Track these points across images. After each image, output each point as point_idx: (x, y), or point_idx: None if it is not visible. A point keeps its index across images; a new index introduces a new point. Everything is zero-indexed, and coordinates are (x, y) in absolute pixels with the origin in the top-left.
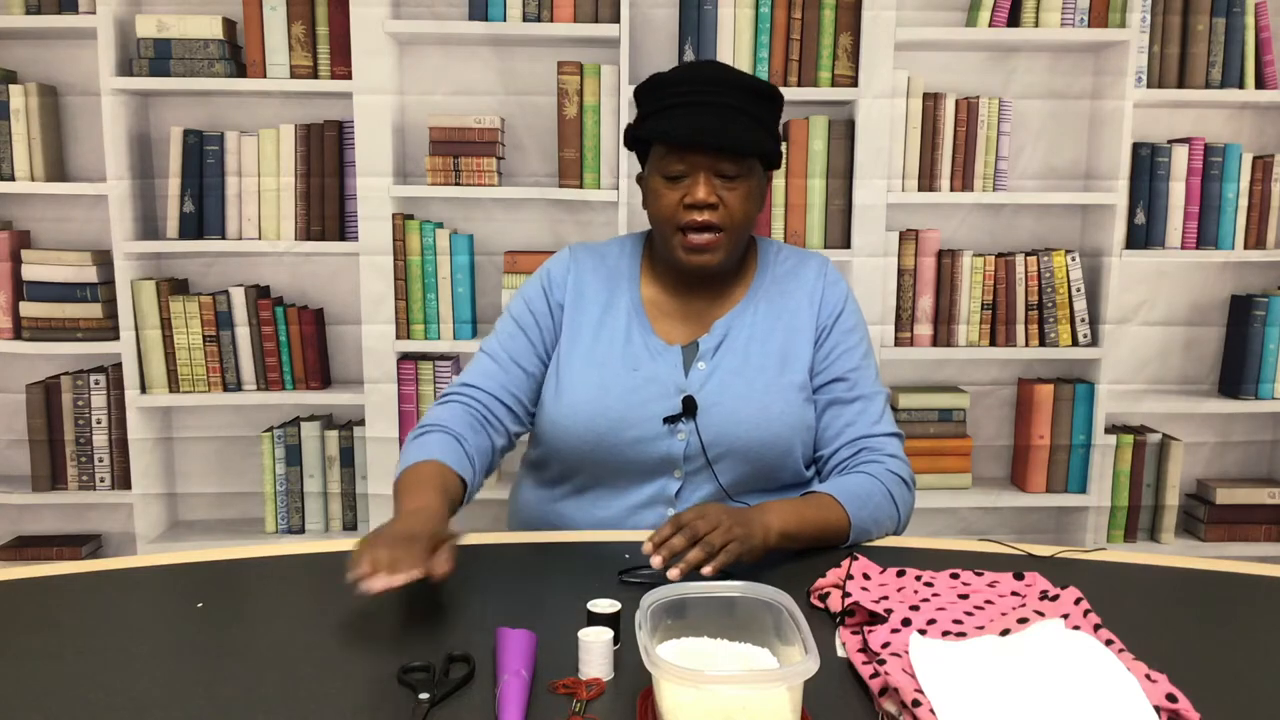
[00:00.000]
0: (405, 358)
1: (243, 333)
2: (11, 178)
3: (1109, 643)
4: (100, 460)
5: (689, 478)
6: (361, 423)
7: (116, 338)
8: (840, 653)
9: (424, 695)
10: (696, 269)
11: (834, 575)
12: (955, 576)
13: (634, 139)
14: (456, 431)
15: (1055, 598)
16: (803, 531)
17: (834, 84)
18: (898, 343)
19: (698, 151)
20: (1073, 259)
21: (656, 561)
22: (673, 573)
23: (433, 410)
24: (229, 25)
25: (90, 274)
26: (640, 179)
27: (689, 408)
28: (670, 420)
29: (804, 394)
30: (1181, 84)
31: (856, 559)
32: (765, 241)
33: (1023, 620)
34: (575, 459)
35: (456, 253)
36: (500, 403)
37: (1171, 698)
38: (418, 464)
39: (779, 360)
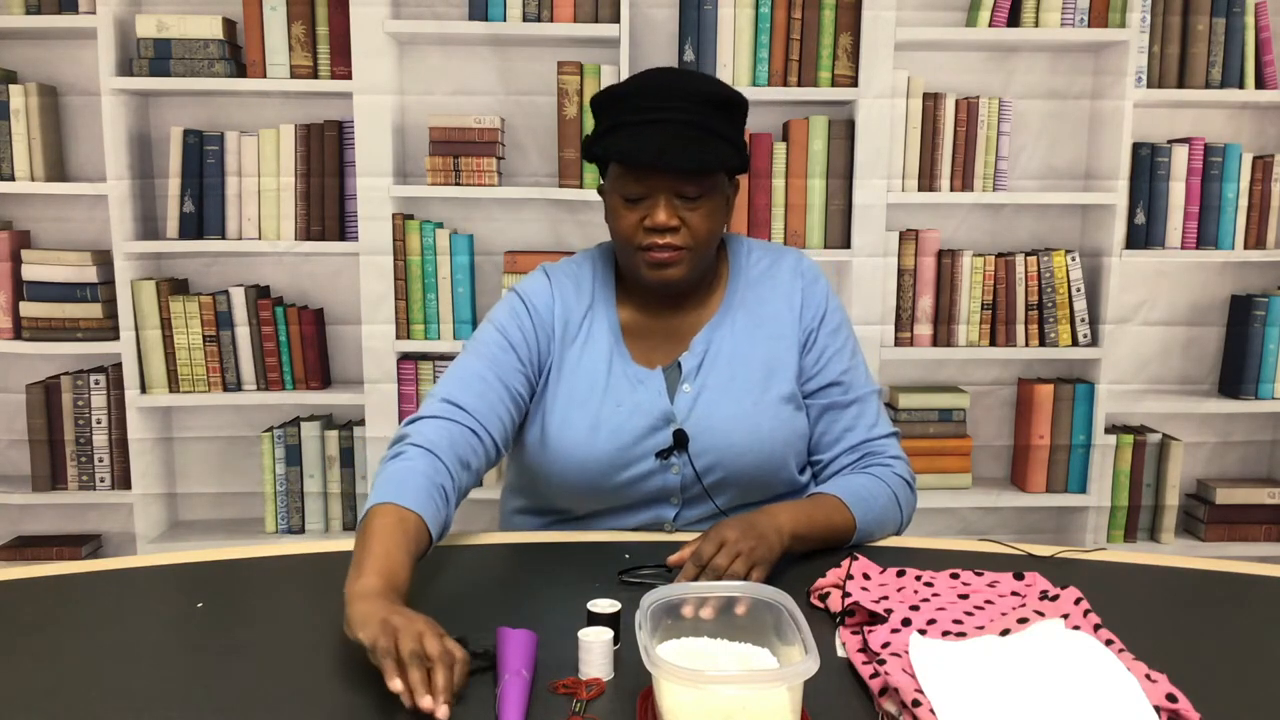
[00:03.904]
0: (405, 358)
1: (243, 333)
2: (11, 178)
3: (1109, 643)
4: (100, 460)
5: (685, 504)
6: (361, 423)
7: (116, 338)
8: (840, 653)
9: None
10: (660, 285)
11: (834, 575)
12: (955, 576)
13: (593, 154)
14: (447, 464)
15: (1055, 598)
16: (811, 533)
17: (834, 84)
18: (898, 343)
19: (656, 173)
20: (1073, 259)
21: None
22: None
23: (417, 426)
24: (229, 25)
25: (90, 274)
26: (601, 191)
27: (680, 441)
28: (662, 454)
29: (793, 404)
30: (1181, 84)
31: (856, 559)
32: (735, 241)
33: (1023, 620)
34: (567, 498)
35: (456, 253)
36: (486, 430)
37: (1171, 698)
38: (399, 509)
39: (764, 373)
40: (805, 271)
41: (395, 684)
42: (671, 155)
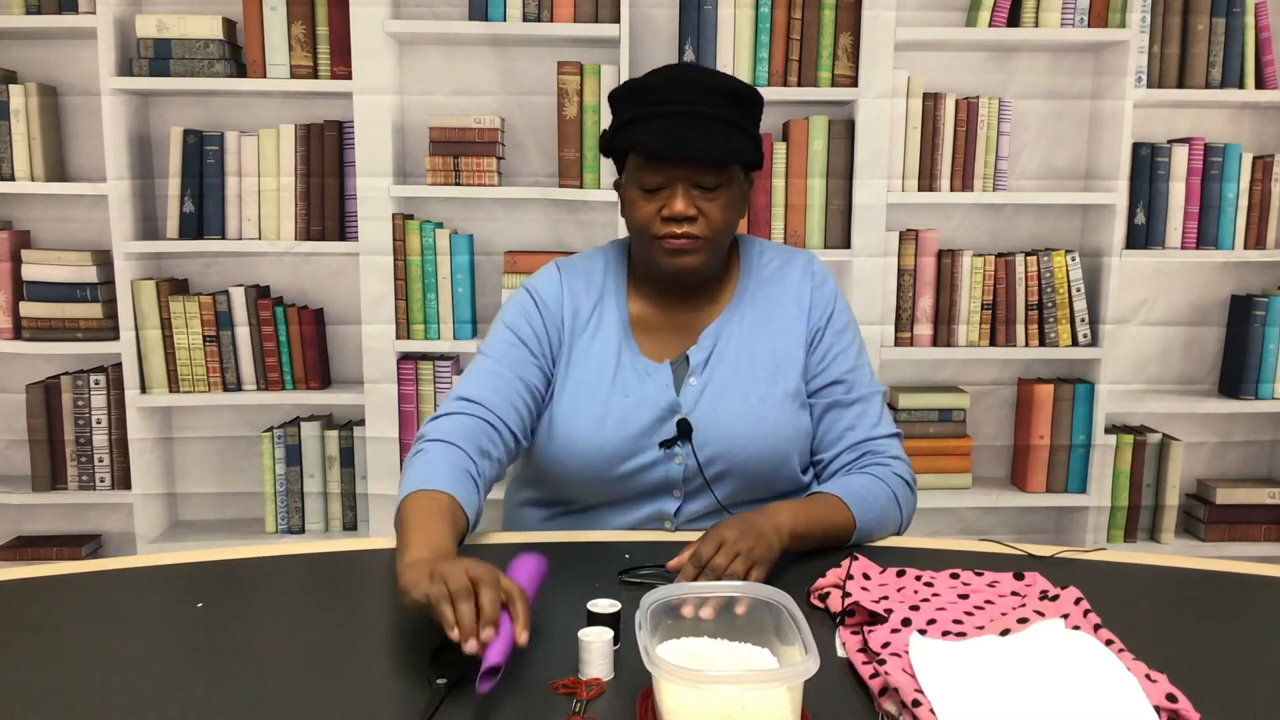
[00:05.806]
0: (405, 358)
1: (243, 333)
2: (11, 178)
3: (1109, 643)
4: (100, 460)
5: (687, 496)
6: (361, 423)
7: (116, 338)
8: (840, 653)
9: (442, 680)
10: (677, 272)
11: (834, 575)
12: (955, 576)
13: (611, 148)
14: (467, 451)
15: (1055, 598)
16: (811, 533)
17: (834, 84)
18: (898, 343)
19: (675, 163)
20: (1073, 259)
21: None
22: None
23: (435, 424)
24: (229, 25)
25: (90, 274)
26: (618, 185)
27: (684, 431)
28: (666, 444)
29: (798, 401)
30: (1181, 84)
31: (856, 559)
32: (747, 241)
33: (1023, 620)
34: (571, 488)
35: (456, 253)
36: (503, 421)
37: (1171, 698)
38: (431, 493)
39: (770, 368)
40: (816, 273)
41: (454, 632)
42: (691, 145)
